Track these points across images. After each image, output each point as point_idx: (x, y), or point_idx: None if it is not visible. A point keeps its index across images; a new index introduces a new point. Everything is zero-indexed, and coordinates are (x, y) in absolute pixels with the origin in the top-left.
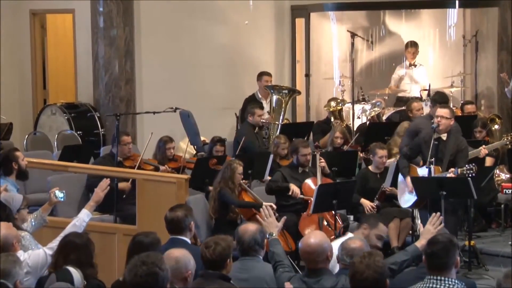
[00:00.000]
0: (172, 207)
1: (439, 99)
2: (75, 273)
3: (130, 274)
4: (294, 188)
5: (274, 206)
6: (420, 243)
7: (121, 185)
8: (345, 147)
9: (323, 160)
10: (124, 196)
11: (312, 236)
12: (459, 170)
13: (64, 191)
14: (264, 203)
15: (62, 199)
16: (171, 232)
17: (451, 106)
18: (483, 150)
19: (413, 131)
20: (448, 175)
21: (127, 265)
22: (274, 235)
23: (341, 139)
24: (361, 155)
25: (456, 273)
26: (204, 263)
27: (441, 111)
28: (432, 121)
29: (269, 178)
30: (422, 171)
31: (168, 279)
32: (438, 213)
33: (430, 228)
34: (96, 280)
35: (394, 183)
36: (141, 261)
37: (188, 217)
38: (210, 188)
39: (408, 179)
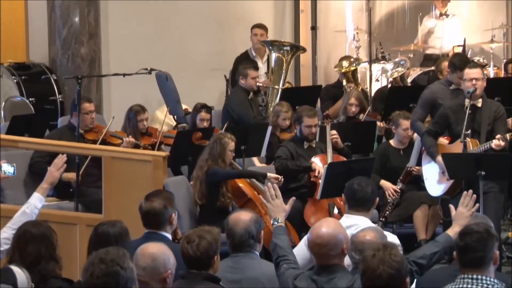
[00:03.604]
0: (147, 195)
1: (459, 63)
2: (20, 274)
3: (86, 275)
4: (318, 167)
5: (280, 178)
6: (453, 231)
7: (67, 175)
8: (362, 116)
9: (335, 133)
10: (71, 190)
11: (324, 225)
12: (508, 135)
13: (14, 165)
14: (269, 174)
15: (12, 175)
16: (147, 226)
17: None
18: None
19: (429, 100)
20: (494, 143)
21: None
22: (280, 221)
23: (356, 107)
24: (381, 125)
25: (495, 270)
26: (186, 262)
27: (474, 72)
28: (451, 87)
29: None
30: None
31: (134, 280)
32: (471, 191)
33: (464, 210)
34: (58, 281)
35: (420, 162)
36: (99, 258)
37: (168, 209)
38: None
39: (440, 158)
